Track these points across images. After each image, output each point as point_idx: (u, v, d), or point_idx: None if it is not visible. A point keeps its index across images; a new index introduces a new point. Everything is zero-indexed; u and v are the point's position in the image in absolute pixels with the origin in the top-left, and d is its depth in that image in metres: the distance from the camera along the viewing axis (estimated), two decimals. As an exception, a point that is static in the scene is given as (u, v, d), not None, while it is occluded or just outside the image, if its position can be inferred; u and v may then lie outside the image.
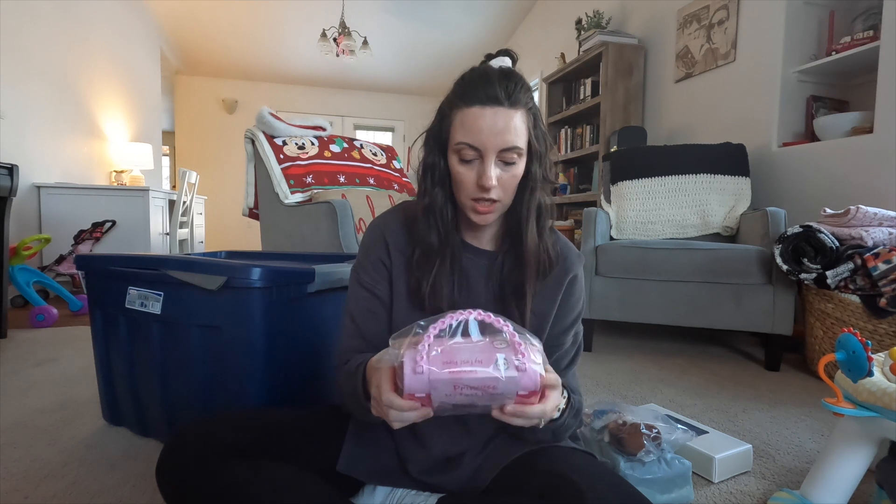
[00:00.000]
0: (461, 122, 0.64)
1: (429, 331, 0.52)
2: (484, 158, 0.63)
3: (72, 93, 3.44)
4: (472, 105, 0.63)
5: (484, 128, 0.62)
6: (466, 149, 0.64)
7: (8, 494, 0.90)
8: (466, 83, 0.65)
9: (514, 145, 0.63)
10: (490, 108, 0.62)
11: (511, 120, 0.63)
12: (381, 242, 0.74)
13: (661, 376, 1.67)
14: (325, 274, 1.06)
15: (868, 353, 0.76)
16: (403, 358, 0.51)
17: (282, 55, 5.55)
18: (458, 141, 0.64)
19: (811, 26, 2.27)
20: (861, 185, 1.94)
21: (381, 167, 2.50)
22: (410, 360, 0.50)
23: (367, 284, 0.73)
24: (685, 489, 0.90)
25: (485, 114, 0.62)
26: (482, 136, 0.62)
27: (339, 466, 0.70)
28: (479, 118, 0.62)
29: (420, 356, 0.50)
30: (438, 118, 0.68)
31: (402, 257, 0.73)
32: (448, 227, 0.70)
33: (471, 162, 0.65)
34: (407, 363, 0.50)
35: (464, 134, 0.63)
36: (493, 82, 0.63)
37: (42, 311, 2.31)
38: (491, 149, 0.63)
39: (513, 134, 0.63)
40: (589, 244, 2.00)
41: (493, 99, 0.62)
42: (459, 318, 0.53)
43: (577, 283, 0.75)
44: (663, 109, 3.08)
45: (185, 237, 4.05)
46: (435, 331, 0.52)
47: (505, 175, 0.64)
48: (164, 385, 1.05)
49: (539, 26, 4.77)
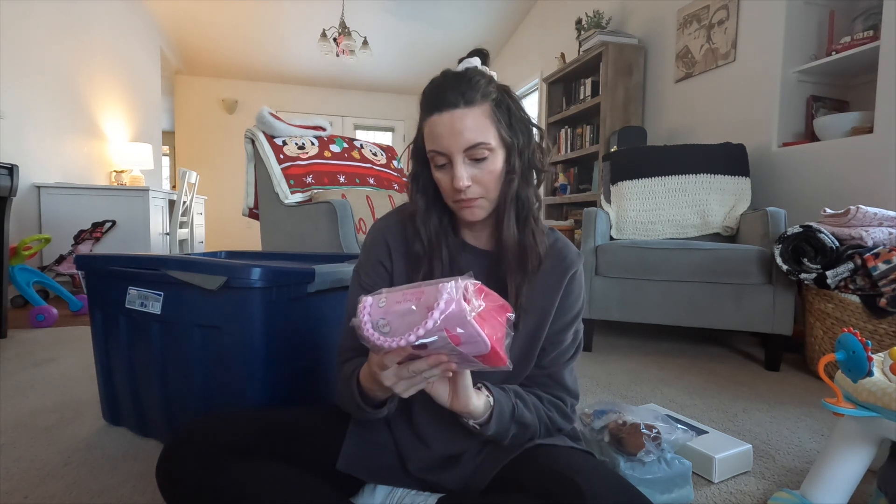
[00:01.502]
0: (429, 131, 0.67)
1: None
2: (452, 161, 0.66)
3: (72, 93, 3.44)
4: (432, 114, 0.66)
5: (444, 133, 0.65)
6: (437, 156, 0.67)
7: (8, 494, 0.90)
8: (426, 95, 0.68)
9: (477, 142, 0.64)
10: (447, 112, 0.64)
11: (468, 119, 0.64)
12: (382, 244, 0.75)
13: (661, 376, 1.67)
14: (325, 274, 1.06)
15: (868, 353, 0.77)
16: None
17: (282, 55, 5.55)
18: (429, 150, 0.68)
19: (811, 26, 2.27)
20: (861, 185, 1.94)
21: (381, 167, 2.50)
22: (360, 306, 0.53)
23: (367, 285, 0.75)
24: (685, 489, 0.90)
25: (442, 119, 0.65)
26: (444, 140, 0.65)
27: (339, 465, 0.70)
28: (437, 125, 0.65)
29: (364, 305, 0.52)
30: (417, 132, 0.72)
31: (403, 259, 0.74)
32: (433, 232, 0.72)
33: (444, 167, 0.67)
34: (357, 314, 0.52)
35: (431, 142, 0.67)
36: (445, 88, 0.65)
37: (42, 311, 2.31)
38: (455, 150, 0.65)
39: (473, 132, 0.64)
40: (589, 244, 2.00)
41: (447, 103, 0.64)
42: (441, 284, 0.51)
43: (576, 281, 0.75)
44: (663, 109, 3.08)
45: (185, 237, 4.05)
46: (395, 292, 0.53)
47: (479, 172, 0.66)
48: (164, 385, 1.05)
49: (539, 26, 4.77)
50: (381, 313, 0.51)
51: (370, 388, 0.62)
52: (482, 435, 0.66)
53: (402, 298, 0.51)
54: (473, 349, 0.51)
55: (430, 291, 0.50)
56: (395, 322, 0.50)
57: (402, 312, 0.50)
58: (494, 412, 0.65)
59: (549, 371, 0.74)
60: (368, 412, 0.66)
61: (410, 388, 0.56)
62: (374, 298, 0.53)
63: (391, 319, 0.51)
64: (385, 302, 0.52)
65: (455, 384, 0.60)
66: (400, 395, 0.57)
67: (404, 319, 0.50)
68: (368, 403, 0.65)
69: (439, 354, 0.52)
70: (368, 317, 0.51)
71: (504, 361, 0.53)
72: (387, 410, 0.67)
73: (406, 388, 0.56)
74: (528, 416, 0.68)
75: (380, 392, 0.62)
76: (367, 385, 0.63)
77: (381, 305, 0.52)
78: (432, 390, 0.60)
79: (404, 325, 0.50)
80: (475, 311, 0.50)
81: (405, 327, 0.49)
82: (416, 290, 0.51)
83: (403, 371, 0.54)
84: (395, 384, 0.55)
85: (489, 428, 0.65)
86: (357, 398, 0.65)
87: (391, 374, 0.54)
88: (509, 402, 0.67)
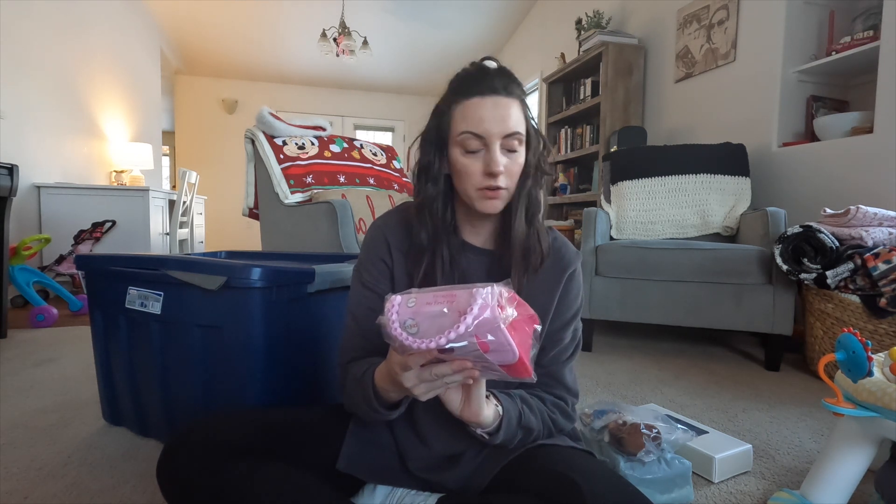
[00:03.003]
0: (462, 114, 0.66)
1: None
2: (489, 146, 0.65)
3: (72, 93, 3.44)
4: (472, 96, 0.65)
5: (486, 115, 0.64)
6: (471, 138, 0.65)
7: (8, 494, 0.90)
8: (462, 79, 0.68)
9: (516, 130, 0.66)
10: (490, 97, 0.65)
11: (510, 108, 0.65)
12: (382, 241, 0.75)
13: (661, 376, 1.67)
14: (325, 274, 1.06)
15: (868, 353, 0.77)
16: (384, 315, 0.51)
17: (282, 55, 5.55)
18: (462, 131, 0.65)
19: (811, 26, 2.27)
20: (861, 185, 1.94)
21: (381, 167, 2.50)
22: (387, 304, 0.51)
23: (368, 283, 0.74)
24: (685, 489, 0.90)
25: (485, 103, 0.65)
26: (485, 123, 0.64)
27: (340, 465, 0.70)
28: (479, 107, 0.65)
29: (392, 303, 0.51)
30: (435, 118, 0.70)
31: (403, 257, 0.74)
32: (439, 224, 0.71)
33: (476, 152, 0.66)
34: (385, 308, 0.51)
35: (466, 124, 0.65)
36: (489, 75, 0.66)
37: (42, 311, 2.31)
38: (495, 135, 0.65)
39: (513, 120, 0.65)
40: (589, 244, 2.00)
41: (491, 89, 0.65)
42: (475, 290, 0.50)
43: (575, 280, 0.75)
44: (663, 109, 3.08)
45: (185, 237, 4.05)
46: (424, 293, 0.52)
47: (510, 163, 0.67)
48: (164, 385, 1.05)
49: (539, 26, 4.77)
50: (409, 313, 0.50)
51: (386, 388, 0.61)
52: (489, 444, 0.65)
53: (433, 300, 0.50)
54: (501, 358, 0.50)
55: (462, 295, 0.49)
56: (425, 323, 0.49)
57: (432, 314, 0.49)
58: (503, 421, 0.64)
59: (549, 370, 0.75)
60: (382, 413, 0.65)
61: (430, 391, 0.55)
62: (403, 297, 0.51)
63: (420, 320, 0.50)
64: (415, 302, 0.51)
65: (469, 393, 0.59)
66: (417, 398, 0.56)
67: (434, 321, 0.49)
68: (382, 404, 0.64)
69: (464, 360, 0.51)
70: (396, 315, 0.50)
71: (529, 373, 0.52)
72: (400, 412, 0.66)
73: (426, 391, 0.55)
74: (533, 421, 0.68)
75: (395, 393, 0.61)
76: (383, 385, 0.62)
77: (409, 305, 0.51)
78: (445, 396, 0.59)
79: (434, 328, 0.49)
80: (508, 320, 0.49)
81: (434, 330, 0.49)
82: (448, 293, 0.50)
83: (426, 374, 0.53)
84: (416, 386, 0.54)
85: (497, 437, 0.64)
86: (371, 398, 0.63)
87: (412, 376, 0.53)
88: (516, 409, 0.66)
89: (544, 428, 0.70)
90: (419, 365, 0.52)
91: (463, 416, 0.60)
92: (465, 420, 0.61)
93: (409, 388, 0.54)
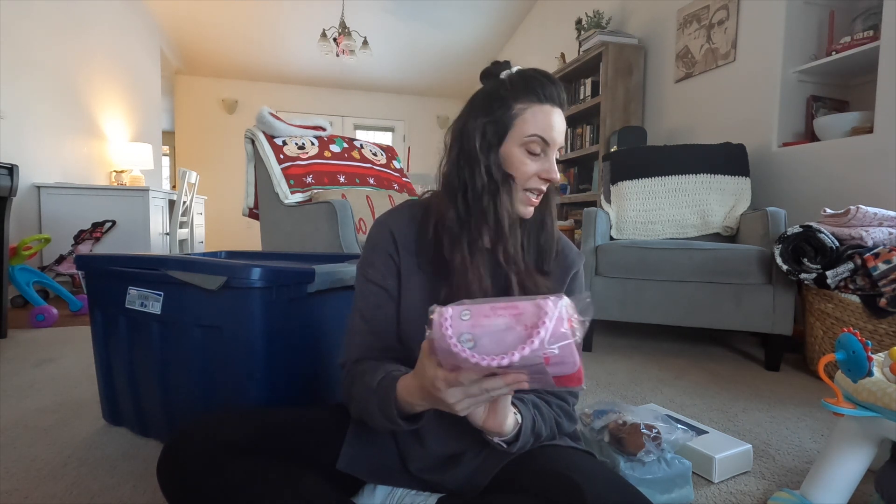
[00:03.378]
0: (533, 117, 0.68)
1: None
2: (548, 153, 0.69)
3: (72, 93, 3.44)
4: (545, 103, 0.68)
5: (556, 125, 0.68)
6: (539, 142, 0.68)
7: (8, 494, 0.90)
8: (534, 81, 0.68)
9: (562, 144, 0.71)
10: (558, 108, 0.69)
11: (565, 122, 0.71)
12: (388, 239, 0.74)
13: (661, 376, 1.67)
14: (325, 274, 1.06)
15: (868, 353, 0.77)
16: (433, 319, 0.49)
17: (282, 55, 5.55)
18: (531, 133, 0.67)
19: (811, 26, 2.27)
20: (861, 185, 1.94)
21: (381, 167, 2.50)
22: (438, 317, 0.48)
23: (375, 279, 0.73)
24: (685, 489, 0.90)
25: (555, 113, 0.69)
26: (554, 132, 0.68)
27: (339, 465, 0.70)
28: (552, 115, 0.68)
29: (445, 316, 0.48)
30: (492, 109, 0.68)
31: (412, 258, 0.73)
32: (504, 220, 0.69)
33: (537, 155, 0.69)
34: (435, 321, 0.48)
35: (537, 128, 0.68)
36: (558, 86, 0.69)
37: (42, 311, 2.31)
38: (557, 145, 0.69)
39: (565, 135, 0.72)
40: (589, 244, 2.00)
41: (559, 101, 0.69)
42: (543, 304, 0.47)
43: (578, 280, 0.76)
44: (663, 109, 3.08)
45: (185, 237, 4.05)
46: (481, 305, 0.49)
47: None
48: (164, 385, 1.05)
49: (539, 26, 4.77)
50: (465, 327, 0.47)
51: (412, 402, 0.58)
52: (505, 451, 0.64)
53: (492, 313, 0.47)
54: (560, 370, 0.48)
55: (527, 308, 0.47)
56: (484, 339, 0.46)
57: (494, 329, 0.47)
58: (521, 429, 0.63)
59: None
60: (401, 426, 0.61)
61: (473, 406, 0.53)
62: (455, 310, 0.48)
63: (478, 334, 0.47)
64: (469, 315, 0.47)
65: (496, 403, 0.57)
66: (456, 413, 0.53)
67: (496, 336, 0.46)
68: (402, 417, 0.61)
69: (519, 373, 0.48)
70: (451, 330, 0.47)
71: (581, 382, 0.50)
72: (420, 424, 0.63)
73: (469, 405, 0.52)
74: (543, 427, 0.68)
75: (423, 407, 0.58)
76: (410, 400, 0.58)
77: (464, 318, 0.47)
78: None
79: (494, 343, 0.46)
80: (576, 333, 0.47)
81: (496, 345, 0.46)
82: (509, 305, 0.48)
83: (474, 389, 0.50)
84: (460, 402, 0.51)
85: (514, 446, 0.63)
86: (392, 412, 0.60)
87: (459, 392, 0.50)
88: (531, 415, 0.66)
89: (550, 433, 0.70)
90: (472, 382, 0.49)
91: (486, 426, 0.58)
92: (487, 430, 0.59)
93: (451, 405, 0.51)
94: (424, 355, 0.53)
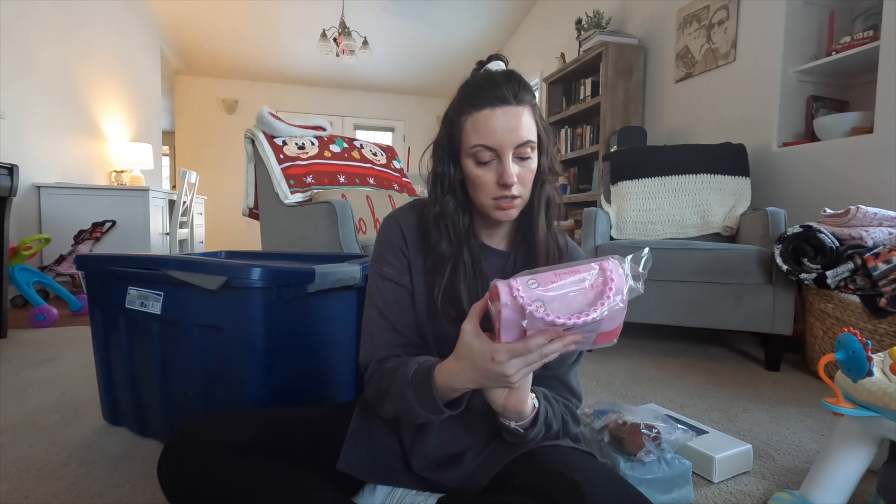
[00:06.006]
0: (473, 126, 0.66)
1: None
2: (501, 157, 0.65)
3: (72, 93, 3.44)
4: (483, 108, 0.65)
5: (497, 128, 0.64)
6: (483, 151, 0.65)
7: (8, 494, 0.90)
8: (472, 88, 0.67)
9: (527, 140, 0.65)
10: (500, 108, 0.64)
11: (521, 117, 0.65)
12: (399, 235, 0.74)
13: (661, 376, 1.67)
14: (325, 274, 1.06)
15: (868, 353, 0.77)
16: (497, 287, 0.51)
17: (282, 55, 5.55)
18: (474, 144, 0.66)
19: (811, 26, 2.27)
20: (861, 185, 1.94)
21: (381, 167, 2.50)
22: (506, 288, 0.51)
23: (391, 276, 0.73)
24: (685, 489, 0.90)
25: (496, 114, 0.64)
26: (497, 135, 0.64)
27: (339, 465, 0.70)
28: (491, 119, 0.64)
29: (514, 287, 0.50)
30: (446, 127, 0.70)
31: (420, 257, 0.73)
32: (461, 234, 0.71)
33: (488, 163, 0.66)
34: (503, 291, 0.50)
35: (478, 137, 0.65)
36: (499, 84, 0.65)
37: (42, 311, 2.31)
38: (507, 147, 0.65)
39: (524, 130, 0.65)
40: (589, 244, 2.00)
41: (502, 99, 0.64)
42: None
43: None
44: (663, 109, 3.08)
45: (185, 237, 4.05)
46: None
47: (522, 171, 0.67)
48: (164, 385, 1.05)
49: (539, 26, 4.77)
50: (534, 295, 0.49)
51: (455, 386, 0.58)
52: (521, 438, 0.64)
53: (557, 278, 0.50)
54: (610, 325, 0.52)
55: (590, 269, 0.51)
56: (555, 303, 0.49)
57: (563, 293, 0.50)
58: (539, 414, 0.63)
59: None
60: (446, 412, 0.61)
61: (527, 374, 0.55)
62: (521, 280, 0.51)
63: (548, 301, 0.49)
64: (536, 283, 0.50)
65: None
66: (508, 387, 0.56)
67: (566, 300, 0.49)
68: (444, 403, 0.61)
69: (575, 333, 0.51)
70: (525, 297, 0.49)
71: (615, 337, 0.55)
72: (461, 409, 0.63)
73: (525, 374, 0.54)
74: (554, 420, 0.68)
75: (465, 388, 0.59)
76: (452, 384, 0.58)
77: (531, 286, 0.50)
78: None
79: (565, 306, 0.49)
80: (640, 289, 0.52)
81: (566, 307, 0.49)
82: (570, 270, 0.51)
83: (534, 355, 0.51)
84: (519, 371, 0.53)
85: (531, 431, 0.63)
86: (436, 400, 0.60)
87: (519, 362, 0.52)
88: (545, 404, 0.66)
89: (559, 428, 0.70)
90: (539, 346, 0.51)
91: (508, 404, 0.60)
92: (508, 409, 0.60)
93: (510, 375, 0.53)
94: (471, 335, 0.55)
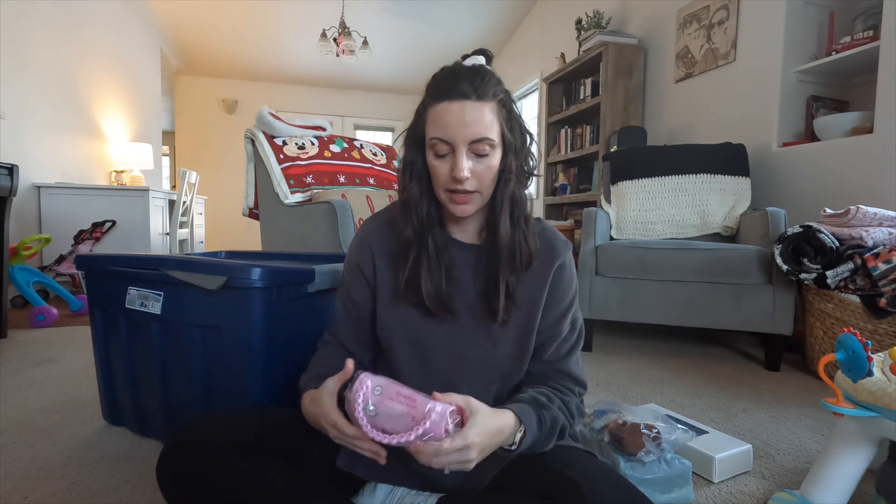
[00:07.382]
0: (433, 118, 0.66)
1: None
2: (455, 151, 0.66)
3: (72, 93, 3.44)
4: (441, 101, 0.65)
5: (452, 122, 0.64)
6: (439, 143, 0.66)
7: (8, 494, 0.90)
8: (436, 81, 0.68)
9: (484, 136, 0.65)
10: (458, 102, 0.64)
11: (479, 112, 0.65)
12: (366, 250, 0.77)
13: (661, 376, 1.67)
14: (325, 274, 1.06)
15: (868, 353, 0.77)
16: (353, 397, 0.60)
17: (282, 55, 5.55)
18: (431, 136, 0.67)
19: (811, 26, 2.27)
20: (861, 185, 1.94)
21: (381, 167, 2.50)
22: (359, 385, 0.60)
23: (347, 284, 0.80)
24: (685, 489, 0.90)
25: (452, 108, 0.65)
26: (451, 129, 0.65)
27: (339, 464, 0.70)
28: (447, 112, 0.65)
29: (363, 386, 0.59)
30: (415, 117, 0.71)
31: (386, 263, 0.76)
32: (424, 221, 0.72)
33: (444, 156, 0.67)
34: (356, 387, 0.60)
35: (435, 129, 0.66)
36: (461, 78, 0.66)
37: (42, 311, 2.31)
38: (461, 141, 0.65)
39: (481, 126, 0.65)
40: (589, 244, 2.00)
41: (460, 94, 0.64)
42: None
43: (565, 270, 0.75)
44: (663, 109, 3.08)
45: (185, 237, 4.05)
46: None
47: (479, 167, 0.66)
48: (164, 385, 1.05)
49: (539, 26, 4.77)
50: (374, 400, 0.58)
51: (306, 411, 0.69)
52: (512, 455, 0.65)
53: (396, 397, 0.58)
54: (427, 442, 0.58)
55: (422, 405, 0.56)
56: (383, 416, 0.57)
57: (392, 412, 0.57)
58: (525, 425, 0.63)
59: (553, 365, 0.75)
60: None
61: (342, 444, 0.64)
62: (372, 383, 0.59)
63: (381, 410, 0.58)
64: (381, 392, 0.58)
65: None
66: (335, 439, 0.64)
67: (390, 417, 0.57)
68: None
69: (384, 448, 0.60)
70: (362, 400, 0.57)
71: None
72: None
73: (340, 443, 0.63)
74: (560, 418, 0.68)
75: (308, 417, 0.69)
76: (306, 409, 0.69)
77: (376, 393, 0.58)
78: None
79: (389, 422, 0.57)
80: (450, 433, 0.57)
81: (390, 424, 0.57)
82: (410, 397, 0.58)
83: (350, 440, 0.61)
84: (335, 439, 0.63)
85: (525, 441, 0.64)
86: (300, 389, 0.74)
87: (338, 437, 0.62)
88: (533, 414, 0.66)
89: (566, 416, 0.70)
90: (354, 436, 0.60)
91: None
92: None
93: (330, 436, 0.63)
94: (327, 394, 0.63)
